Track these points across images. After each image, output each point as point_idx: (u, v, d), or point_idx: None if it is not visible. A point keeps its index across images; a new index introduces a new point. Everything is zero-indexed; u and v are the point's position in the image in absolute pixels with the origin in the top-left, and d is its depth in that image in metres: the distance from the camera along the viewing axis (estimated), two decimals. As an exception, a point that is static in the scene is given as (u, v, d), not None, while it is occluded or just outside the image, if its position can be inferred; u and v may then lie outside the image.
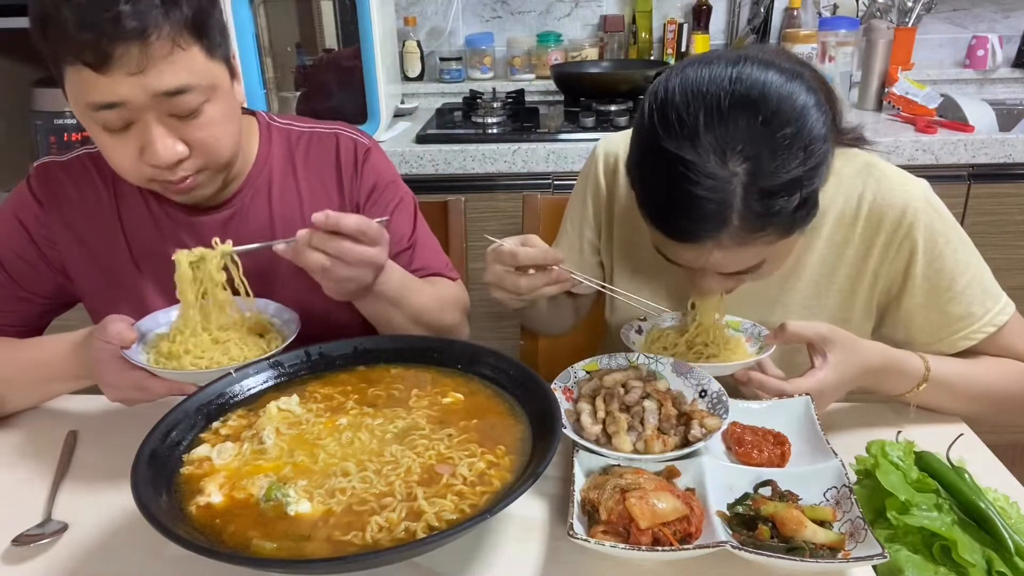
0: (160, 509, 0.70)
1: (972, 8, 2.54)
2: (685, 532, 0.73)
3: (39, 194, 1.12)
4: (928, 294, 1.02)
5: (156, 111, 0.93)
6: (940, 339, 1.03)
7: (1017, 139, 1.98)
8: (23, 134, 2.08)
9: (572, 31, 2.65)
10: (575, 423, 0.89)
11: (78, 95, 0.92)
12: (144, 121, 0.93)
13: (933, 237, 1.01)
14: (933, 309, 1.03)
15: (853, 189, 1.04)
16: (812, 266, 1.06)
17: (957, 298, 1.01)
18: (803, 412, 0.92)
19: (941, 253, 1.01)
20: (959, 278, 1.01)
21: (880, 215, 1.02)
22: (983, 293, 1.02)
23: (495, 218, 2.05)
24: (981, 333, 1.01)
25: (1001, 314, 1.02)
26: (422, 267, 1.23)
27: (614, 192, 1.15)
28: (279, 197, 1.16)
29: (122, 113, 0.92)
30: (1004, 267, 2.06)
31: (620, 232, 1.16)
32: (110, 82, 0.89)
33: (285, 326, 1.04)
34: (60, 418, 1.07)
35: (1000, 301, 1.02)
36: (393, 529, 0.69)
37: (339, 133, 1.21)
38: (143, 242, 1.12)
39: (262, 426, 0.84)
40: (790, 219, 0.85)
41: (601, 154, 1.16)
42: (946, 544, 0.73)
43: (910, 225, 1.01)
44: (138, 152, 0.95)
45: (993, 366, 1.02)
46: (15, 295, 1.13)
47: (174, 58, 0.91)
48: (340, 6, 2.10)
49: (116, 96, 0.90)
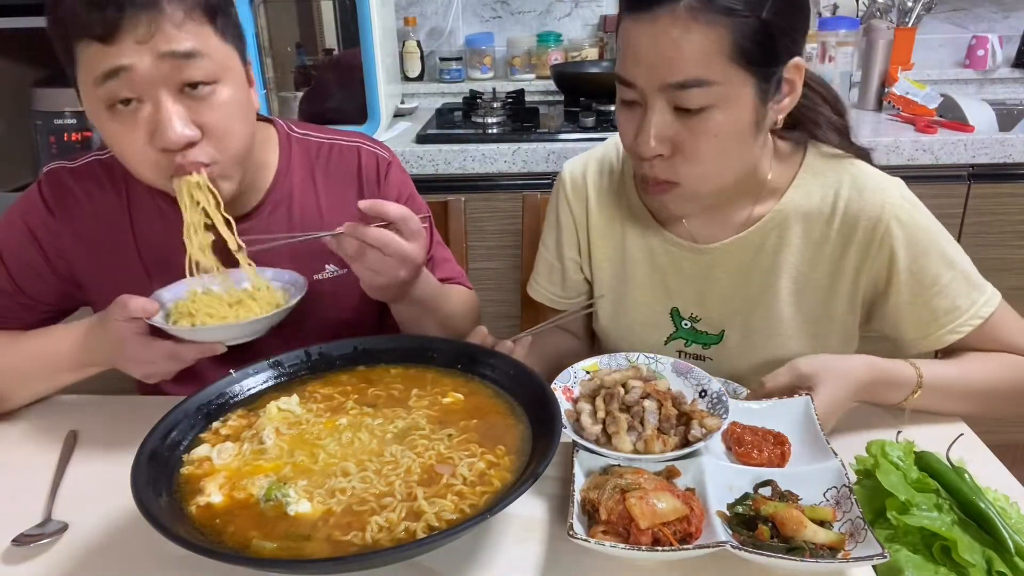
0: (160, 509, 0.70)
1: (972, 8, 2.54)
2: (685, 532, 0.73)
3: (50, 202, 1.11)
4: (913, 290, 1.02)
5: (167, 86, 0.91)
6: (928, 334, 1.03)
7: (1017, 139, 1.98)
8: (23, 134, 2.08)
9: (572, 31, 2.65)
10: (575, 423, 0.89)
11: (87, 76, 0.91)
12: (155, 100, 0.91)
13: (914, 233, 1.01)
14: (920, 305, 1.02)
15: (829, 187, 1.04)
16: (790, 263, 1.06)
17: (943, 292, 1.01)
18: (803, 412, 0.92)
19: (924, 249, 1.01)
20: (944, 272, 1.01)
21: (856, 214, 1.02)
22: (968, 285, 1.01)
23: (495, 218, 2.05)
24: (968, 326, 1.01)
25: (987, 305, 1.01)
26: (444, 278, 1.25)
27: (587, 207, 1.16)
28: (300, 209, 1.15)
29: (130, 83, 0.90)
30: (1004, 267, 2.08)
31: (598, 243, 1.16)
32: (117, 50, 0.88)
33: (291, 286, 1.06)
34: (60, 418, 1.07)
35: (985, 292, 1.02)
36: (393, 529, 0.69)
37: (360, 147, 1.21)
38: (156, 251, 1.12)
39: (262, 426, 0.84)
40: (742, 34, 0.85)
41: (567, 177, 1.18)
42: (946, 544, 0.73)
43: (888, 223, 1.00)
44: (148, 138, 0.93)
45: (987, 361, 1.01)
46: (19, 302, 1.13)
47: (186, 27, 0.90)
48: (340, 6, 2.10)
49: (122, 59, 0.88)
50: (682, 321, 1.13)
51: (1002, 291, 1.03)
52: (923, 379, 0.97)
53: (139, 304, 0.95)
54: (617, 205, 1.13)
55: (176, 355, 0.97)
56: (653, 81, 0.88)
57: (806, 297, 1.07)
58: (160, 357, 0.97)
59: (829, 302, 1.07)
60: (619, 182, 1.14)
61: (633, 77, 0.90)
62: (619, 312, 1.16)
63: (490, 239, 2.06)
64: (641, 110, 0.92)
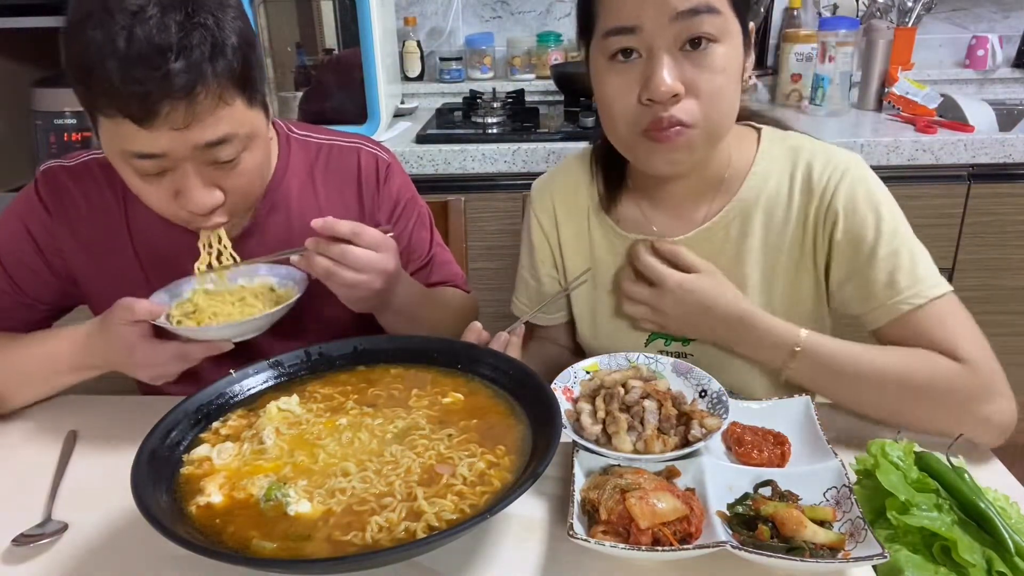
0: (160, 509, 0.70)
1: (972, 8, 2.54)
2: (685, 532, 0.73)
3: (47, 201, 1.11)
4: (851, 259, 0.99)
5: (195, 161, 0.91)
6: (872, 308, 0.98)
7: (1017, 139, 1.98)
8: (23, 134, 2.08)
9: (572, 31, 2.62)
10: (575, 423, 0.89)
11: (113, 141, 0.90)
12: (182, 169, 0.92)
13: (854, 199, 0.99)
14: (857, 274, 0.99)
15: (784, 171, 1.04)
16: (755, 251, 1.05)
17: (880, 264, 0.97)
18: (803, 412, 0.92)
19: (863, 218, 0.98)
20: (882, 243, 0.97)
21: (809, 189, 1.02)
22: (912, 264, 0.96)
23: (495, 218, 2.05)
24: (907, 304, 0.95)
25: (934, 288, 0.95)
26: (441, 281, 1.25)
27: (555, 222, 1.16)
28: (298, 210, 1.15)
29: (161, 163, 0.90)
30: (1004, 267, 2.08)
31: (571, 257, 1.16)
32: (152, 135, 0.87)
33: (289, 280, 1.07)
34: (60, 418, 1.07)
35: (935, 281, 0.96)
36: (393, 529, 0.69)
37: (360, 148, 1.21)
38: (153, 251, 1.12)
39: (262, 426, 0.84)
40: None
41: (535, 196, 1.18)
42: (946, 544, 0.73)
43: (834, 191, 1.00)
44: (172, 195, 0.94)
45: (897, 351, 0.95)
46: (18, 301, 1.13)
47: (219, 112, 0.89)
48: (340, 6, 2.10)
49: (158, 148, 0.88)
50: None
51: (1002, 291, 1.03)
52: (803, 340, 0.94)
53: (145, 308, 0.95)
54: (583, 216, 1.14)
55: (184, 355, 0.98)
56: (663, 13, 0.88)
57: (774, 283, 1.06)
58: (168, 358, 0.98)
59: (797, 286, 1.05)
60: (585, 195, 1.14)
61: (638, 18, 0.89)
62: (597, 320, 1.16)
63: (490, 239, 2.06)
64: (641, 60, 0.91)
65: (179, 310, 1.01)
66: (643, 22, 0.89)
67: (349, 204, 1.18)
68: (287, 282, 1.07)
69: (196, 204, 0.93)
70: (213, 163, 0.93)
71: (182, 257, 1.07)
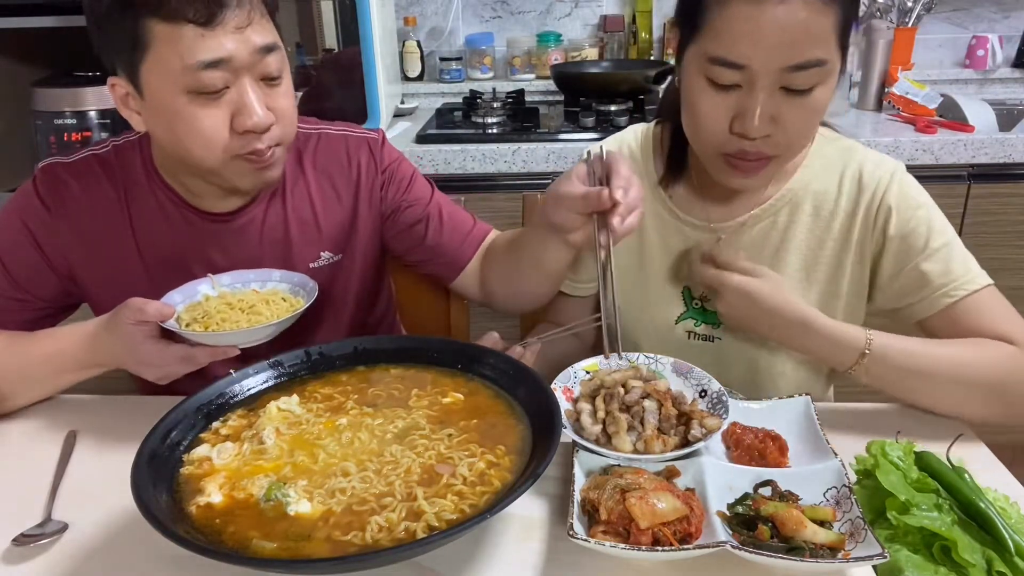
0: (160, 509, 0.70)
1: (972, 8, 2.54)
2: (685, 532, 0.73)
3: (46, 198, 1.10)
4: (905, 252, 1.03)
5: (251, 73, 0.96)
6: (921, 298, 1.03)
7: (1017, 139, 1.98)
8: (23, 134, 2.08)
9: (572, 31, 2.65)
10: (575, 423, 0.89)
11: (173, 62, 0.92)
12: (239, 85, 0.95)
13: (906, 199, 1.04)
14: (911, 266, 1.03)
15: (835, 168, 1.08)
16: (799, 240, 1.08)
17: (933, 256, 1.02)
18: (803, 412, 0.92)
19: (915, 214, 1.03)
20: (935, 237, 1.02)
21: (860, 187, 1.06)
22: (963, 256, 1.02)
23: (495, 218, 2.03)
24: (963, 290, 1.00)
25: (982, 276, 1.01)
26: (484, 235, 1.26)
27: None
28: (292, 199, 1.16)
29: (224, 74, 0.93)
30: (1004, 267, 2.08)
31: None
32: (217, 39, 0.91)
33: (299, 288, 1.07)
34: (60, 418, 1.07)
35: (979, 270, 1.02)
36: (393, 529, 0.69)
37: (348, 134, 1.22)
38: (155, 246, 1.12)
39: (262, 426, 0.84)
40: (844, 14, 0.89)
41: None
42: (946, 544, 0.72)
43: (885, 189, 1.04)
44: (229, 120, 0.96)
45: (962, 344, 0.98)
46: (18, 300, 1.12)
47: (263, 20, 0.96)
48: (340, 6, 2.09)
49: (224, 51, 0.92)
50: (692, 300, 1.14)
51: (1002, 291, 1.03)
52: (872, 343, 0.96)
53: (156, 308, 0.95)
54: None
55: (190, 358, 0.98)
56: (772, 63, 0.89)
57: (814, 274, 1.09)
58: (173, 360, 0.98)
59: (836, 279, 1.09)
60: (640, 169, 1.15)
61: (747, 60, 0.89)
62: (633, 291, 1.17)
63: (490, 239, 2.06)
64: (739, 92, 0.92)
65: (189, 313, 1.01)
66: (752, 63, 0.89)
67: (339, 188, 1.19)
68: (297, 290, 1.07)
69: (258, 116, 0.96)
70: (265, 78, 0.97)
71: (186, 254, 1.07)
